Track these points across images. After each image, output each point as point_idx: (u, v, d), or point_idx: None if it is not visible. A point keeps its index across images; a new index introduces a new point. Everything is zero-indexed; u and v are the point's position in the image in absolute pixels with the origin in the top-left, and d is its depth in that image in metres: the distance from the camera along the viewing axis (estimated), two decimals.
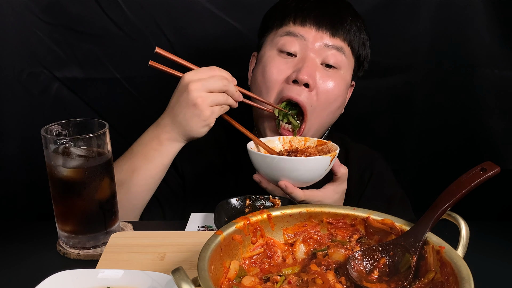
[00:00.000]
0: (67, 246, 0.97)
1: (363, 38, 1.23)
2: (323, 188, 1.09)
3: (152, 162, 1.13)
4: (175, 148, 1.14)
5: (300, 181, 1.05)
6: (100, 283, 0.77)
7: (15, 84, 1.52)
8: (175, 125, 1.10)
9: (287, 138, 1.16)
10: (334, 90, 1.19)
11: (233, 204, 1.12)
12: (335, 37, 1.18)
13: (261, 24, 1.29)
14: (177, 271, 0.61)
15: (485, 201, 1.43)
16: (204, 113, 1.06)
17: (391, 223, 0.77)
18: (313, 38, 1.17)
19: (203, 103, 1.05)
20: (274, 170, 1.03)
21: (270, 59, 1.20)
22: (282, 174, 1.03)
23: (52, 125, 0.95)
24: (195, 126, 1.08)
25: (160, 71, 1.09)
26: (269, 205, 1.12)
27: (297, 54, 1.18)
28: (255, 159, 1.06)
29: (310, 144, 1.15)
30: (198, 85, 1.05)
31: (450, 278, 0.65)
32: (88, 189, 0.94)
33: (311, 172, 1.04)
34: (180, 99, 1.07)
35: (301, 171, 1.03)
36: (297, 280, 0.72)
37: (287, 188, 1.03)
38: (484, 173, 0.74)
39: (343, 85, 1.21)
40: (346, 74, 1.22)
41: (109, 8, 1.50)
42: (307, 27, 1.17)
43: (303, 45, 1.17)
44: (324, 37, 1.17)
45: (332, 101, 1.20)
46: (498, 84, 1.53)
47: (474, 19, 1.50)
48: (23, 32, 1.49)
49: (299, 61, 1.17)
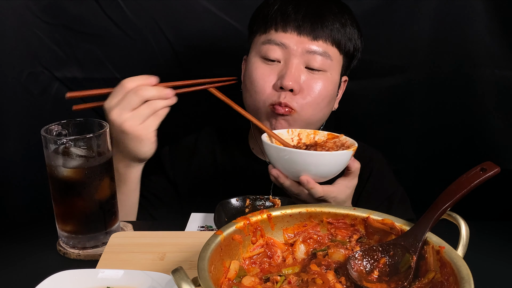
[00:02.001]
0: (67, 246, 0.97)
1: (349, 32, 1.21)
2: (336, 184, 1.06)
3: (120, 191, 1.10)
4: (134, 173, 1.12)
5: (321, 176, 1.00)
6: (100, 283, 0.77)
7: (15, 84, 1.52)
8: (123, 154, 1.07)
9: (296, 131, 1.12)
10: (321, 92, 1.18)
11: (233, 204, 1.12)
12: (317, 40, 1.16)
13: (249, 24, 1.28)
14: (177, 271, 0.61)
15: (485, 201, 1.43)
16: (138, 135, 1.01)
17: (391, 223, 0.77)
18: (295, 44, 1.16)
19: (131, 126, 1.00)
20: (295, 164, 0.98)
21: (255, 67, 1.20)
22: (304, 169, 0.98)
23: (52, 125, 0.95)
24: (139, 150, 1.05)
25: None
26: (269, 205, 1.12)
27: (280, 60, 1.18)
28: (273, 153, 1.00)
29: (320, 137, 1.11)
30: (117, 111, 0.99)
31: (450, 278, 0.65)
32: (88, 189, 0.94)
33: (334, 166, 1.00)
34: (112, 130, 1.02)
35: (325, 165, 0.98)
36: (297, 280, 0.72)
37: (309, 184, 0.98)
38: (484, 173, 0.74)
39: (330, 85, 1.20)
40: (333, 74, 1.20)
41: (109, 8, 1.50)
42: (289, 33, 1.16)
43: (286, 51, 1.17)
44: (306, 42, 1.16)
45: (319, 101, 1.19)
46: (498, 84, 1.53)
47: (474, 19, 1.50)
48: (23, 32, 1.49)
49: (283, 67, 1.17)
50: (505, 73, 1.52)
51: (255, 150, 1.35)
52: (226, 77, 1.19)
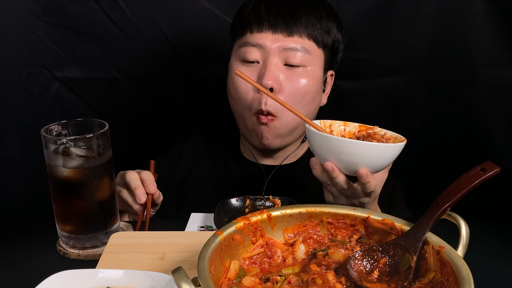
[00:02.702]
0: (67, 246, 0.97)
1: (326, 26, 1.20)
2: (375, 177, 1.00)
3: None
4: None
5: (376, 169, 0.96)
6: (100, 283, 0.77)
7: (15, 84, 1.52)
8: None
9: (327, 122, 1.05)
10: (302, 88, 1.17)
11: (233, 204, 1.12)
12: (292, 36, 1.16)
13: (229, 34, 1.29)
14: (177, 271, 0.61)
15: (485, 201, 1.43)
16: None
17: (391, 223, 0.77)
18: (271, 42, 1.16)
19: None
20: (354, 156, 0.92)
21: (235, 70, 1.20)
22: (362, 161, 0.92)
23: (52, 125, 0.95)
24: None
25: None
26: (269, 205, 1.12)
27: (259, 61, 1.18)
28: (329, 143, 0.93)
29: (351, 129, 1.06)
30: None
31: (450, 278, 0.65)
32: (88, 189, 0.94)
33: (388, 159, 0.95)
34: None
35: (383, 158, 0.93)
36: (297, 280, 0.72)
37: (367, 177, 0.92)
38: (484, 173, 0.74)
39: (312, 80, 1.19)
40: (314, 69, 1.19)
41: (109, 8, 1.50)
42: (264, 33, 1.16)
43: (263, 51, 1.17)
44: (281, 39, 1.16)
45: (301, 98, 1.18)
46: (498, 84, 1.53)
47: (474, 19, 1.50)
48: (23, 32, 1.49)
49: (262, 67, 1.17)
50: (505, 73, 1.51)
51: (246, 154, 1.35)
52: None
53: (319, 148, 0.94)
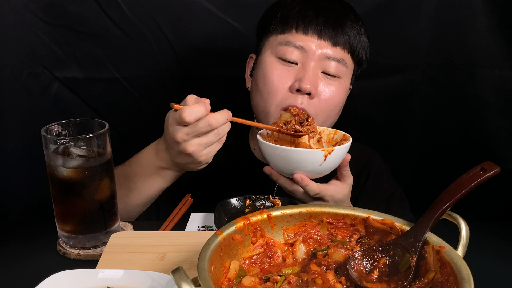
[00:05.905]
0: (67, 246, 0.97)
1: (363, 41, 1.22)
2: (332, 183, 1.07)
3: (153, 185, 1.12)
4: (175, 176, 1.13)
5: (315, 173, 1.02)
6: (100, 283, 0.77)
7: (15, 84, 1.51)
8: (173, 163, 1.08)
9: (318, 130, 1.14)
10: (335, 98, 1.18)
11: (233, 204, 1.12)
12: (336, 47, 1.16)
13: (261, 23, 1.27)
14: (177, 271, 0.61)
15: (485, 201, 1.43)
16: (200, 159, 1.02)
17: (391, 223, 0.77)
18: (315, 47, 1.15)
19: (195, 152, 1.00)
20: (288, 162, 1.00)
21: (271, 66, 1.18)
22: (297, 167, 1.00)
23: (52, 125, 0.95)
24: (193, 167, 1.07)
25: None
26: (269, 205, 1.12)
27: (298, 63, 1.17)
28: (267, 150, 1.04)
29: (337, 137, 1.13)
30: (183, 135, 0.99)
31: (450, 278, 0.65)
32: (88, 189, 0.94)
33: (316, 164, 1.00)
34: (171, 146, 1.02)
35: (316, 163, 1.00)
36: (297, 280, 0.72)
37: (303, 181, 1.00)
38: (484, 173, 0.74)
39: (343, 92, 1.21)
40: (346, 81, 1.22)
41: (109, 8, 1.50)
42: (309, 36, 1.16)
43: (304, 54, 1.16)
44: (325, 47, 1.16)
45: (333, 108, 1.20)
46: (498, 84, 1.53)
47: (474, 19, 1.50)
48: (23, 32, 1.49)
49: (300, 70, 1.16)
50: (505, 73, 1.52)
51: (256, 152, 1.34)
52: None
53: (262, 154, 1.07)
